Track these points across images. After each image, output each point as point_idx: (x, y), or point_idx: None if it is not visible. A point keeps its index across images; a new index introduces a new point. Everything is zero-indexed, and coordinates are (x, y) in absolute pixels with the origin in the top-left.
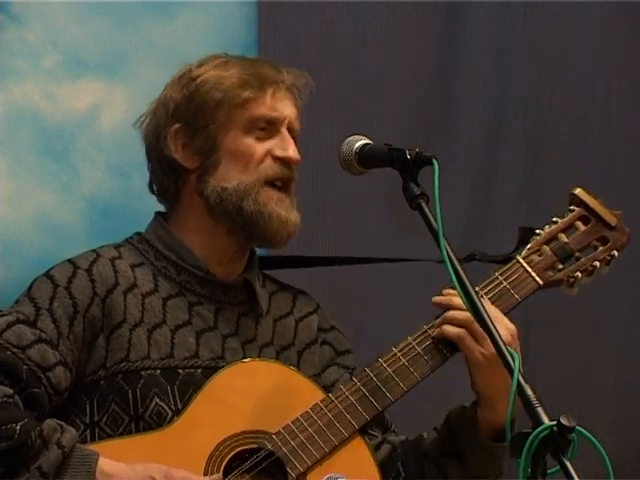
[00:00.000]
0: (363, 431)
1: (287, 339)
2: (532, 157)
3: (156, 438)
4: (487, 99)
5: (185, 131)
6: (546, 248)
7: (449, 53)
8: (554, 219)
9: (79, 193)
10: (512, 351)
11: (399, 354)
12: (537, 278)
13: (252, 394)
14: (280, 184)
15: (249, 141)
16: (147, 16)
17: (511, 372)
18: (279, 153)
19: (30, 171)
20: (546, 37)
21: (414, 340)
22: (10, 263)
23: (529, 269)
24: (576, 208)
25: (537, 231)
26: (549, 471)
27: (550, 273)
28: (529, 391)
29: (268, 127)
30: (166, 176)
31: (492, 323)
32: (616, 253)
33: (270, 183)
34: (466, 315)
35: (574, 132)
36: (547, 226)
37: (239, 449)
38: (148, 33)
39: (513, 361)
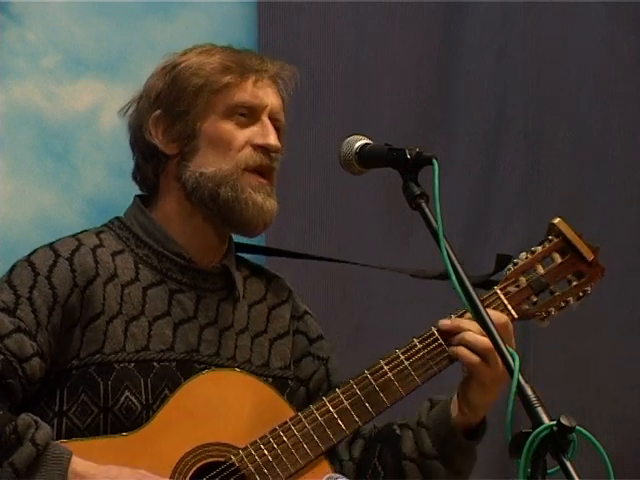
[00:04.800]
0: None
1: (260, 326)
2: (532, 157)
3: (125, 442)
4: (487, 99)
5: (166, 117)
6: (523, 279)
7: (449, 53)
8: (532, 248)
9: (79, 193)
10: (512, 352)
11: (371, 377)
12: (512, 311)
13: (223, 406)
14: (260, 172)
15: (229, 127)
16: (147, 16)
17: (511, 372)
18: (259, 141)
19: (30, 171)
20: (546, 37)
21: (403, 354)
22: (10, 263)
23: (505, 301)
24: (554, 238)
25: (515, 260)
26: (549, 471)
27: (525, 307)
28: (529, 391)
29: (248, 114)
30: (147, 163)
31: (493, 324)
32: (589, 290)
33: (250, 171)
34: (486, 342)
35: (574, 132)
36: (524, 253)
37: (205, 461)
38: (148, 33)
39: (513, 361)
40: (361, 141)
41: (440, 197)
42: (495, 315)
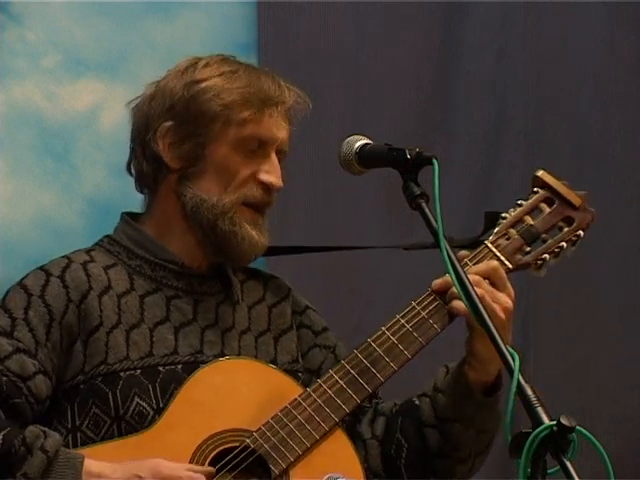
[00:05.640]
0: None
1: (262, 325)
2: (532, 157)
3: (137, 441)
4: (487, 99)
5: (176, 131)
6: (513, 231)
7: (449, 53)
8: (519, 202)
9: (79, 193)
10: (512, 351)
11: (374, 344)
12: (506, 262)
13: (231, 392)
14: (257, 207)
15: (237, 160)
16: (147, 16)
17: (511, 372)
18: (263, 177)
19: (30, 171)
20: (546, 37)
21: (402, 317)
22: (10, 263)
23: (498, 253)
24: (540, 190)
25: (503, 215)
26: (549, 471)
27: (518, 256)
28: (529, 391)
29: (259, 148)
30: (147, 163)
31: (492, 323)
32: (582, 233)
33: (247, 204)
34: (478, 291)
35: (574, 132)
36: (512, 209)
37: (221, 448)
38: (148, 33)
39: (513, 361)
40: (361, 141)
41: (440, 197)
42: (482, 265)
